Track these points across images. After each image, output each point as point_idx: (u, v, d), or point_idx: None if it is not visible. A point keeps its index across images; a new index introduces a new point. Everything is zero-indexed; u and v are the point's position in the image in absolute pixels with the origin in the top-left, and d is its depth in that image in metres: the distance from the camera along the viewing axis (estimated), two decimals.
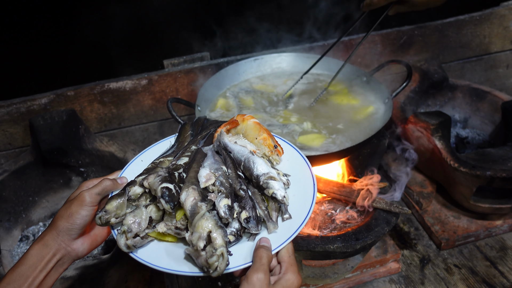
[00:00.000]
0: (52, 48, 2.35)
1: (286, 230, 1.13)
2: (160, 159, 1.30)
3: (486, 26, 2.82)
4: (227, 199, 1.10)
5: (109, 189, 1.22)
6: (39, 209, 2.28)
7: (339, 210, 2.00)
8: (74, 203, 1.17)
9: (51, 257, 1.14)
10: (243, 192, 1.16)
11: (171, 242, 1.16)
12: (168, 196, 1.08)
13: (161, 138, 2.52)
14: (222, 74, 2.27)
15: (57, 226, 1.16)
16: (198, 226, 1.03)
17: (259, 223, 1.12)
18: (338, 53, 2.59)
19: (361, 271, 2.07)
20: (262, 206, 1.16)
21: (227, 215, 1.07)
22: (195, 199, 1.08)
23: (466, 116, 2.78)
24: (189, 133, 1.47)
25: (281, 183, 1.19)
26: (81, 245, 1.19)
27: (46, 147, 2.13)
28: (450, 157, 2.16)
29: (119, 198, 1.15)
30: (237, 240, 1.11)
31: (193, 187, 1.11)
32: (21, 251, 2.09)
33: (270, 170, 1.22)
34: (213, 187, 1.15)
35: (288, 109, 2.11)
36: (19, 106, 2.21)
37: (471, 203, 2.20)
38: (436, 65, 2.69)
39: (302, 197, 1.22)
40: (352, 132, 1.93)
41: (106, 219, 1.12)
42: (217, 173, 1.18)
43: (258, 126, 1.42)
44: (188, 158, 1.28)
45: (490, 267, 2.13)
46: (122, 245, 1.10)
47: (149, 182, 1.15)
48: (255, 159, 1.25)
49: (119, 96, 2.35)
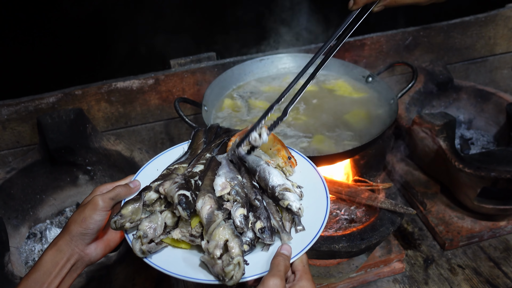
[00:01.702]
0: (60, 48, 2.37)
1: (300, 241, 1.14)
2: (175, 166, 1.30)
3: (491, 28, 2.82)
4: (243, 209, 1.10)
5: (122, 195, 1.22)
6: (46, 207, 2.30)
7: (344, 210, 2.02)
8: (88, 207, 1.17)
9: (65, 262, 1.14)
10: (258, 202, 1.16)
11: (184, 248, 1.16)
12: (185, 203, 1.08)
13: (167, 137, 2.58)
14: (228, 74, 2.28)
15: (70, 231, 1.16)
16: (215, 235, 1.03)
17: (273, 233, 1.13)
18: (343, 53, 2.61)
19: (365, 270, 2.08)
20: (277, 217, 1.17)
21: (242, 224, 1.08)
22: (211, 207, 1.08)
23: (470, 117, 2.78)
24: (202, 140, 1.46)
25: (296, 195, 1.20)
26: (94, 250, 1.20)
27: (54, 146, 2.15)
28: (455, 158, 2.16)
29: (135, 203, 1.15)
30: (250, 249, 1.11)
31: (209, 195, 1.12)
32: (28, 248, 2.11)
33: (285, 182, 1.22)
34: (229, 196, 1.15)
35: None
36: (27, 104, 2.23)
37: (475, 204, 2.20)
38: (441, 66, 2.70)
39: (315, 209, 1.22)
40: (357, 132, 1.95)
41: (121, 223, 1.13)
42: (233, 182, 1.18)
43: (272, 136, 1.41)
44: (203, 166, 1.28)
45: (494, 268, 2.14)
46: (137, 250, 1.10)
47: (165, 188, 1.15)
48: (270, 170, 1.25)
49: (126, 95, 2.37)
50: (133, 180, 1.29)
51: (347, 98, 2.18)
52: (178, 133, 2.59)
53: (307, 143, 1.90)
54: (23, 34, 2.32)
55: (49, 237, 2.14)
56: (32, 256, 2.07)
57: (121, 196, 1.22)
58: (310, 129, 1.98)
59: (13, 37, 2.28)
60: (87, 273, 1.81)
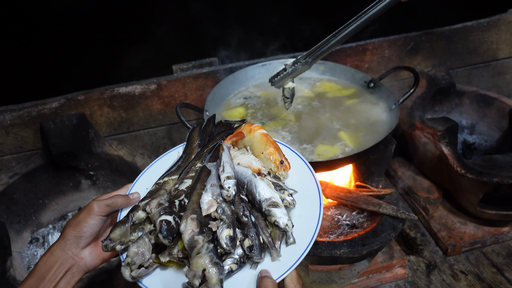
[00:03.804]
0: (63, 53, 2.39)
1: (290, 256, 1.10)
2: (164, 179, 1.28)
3: (494, 33, 2.82)
4: (228, 229, 1.07)
5: (119, 203, 1.23)
6: (49, 211, 2.31)
7: (345, 215, 2.01)
8: (83, 211, 1.18)
9: (58, 267, 1.15)
10: (246, 218, 1.13)
11: (175, 266, 1.15)
12: (166, 230, 1.06)
13: (169, 143, 2.59)
14: (230, 79, 2.29)
15: (64, 235, 1.17)
16: (193, 264, 1.01)
17: (262, 251, 1.10)
18: (345, 58, 2.61)
19: (367, 276, 2.07)
20: (266, 233, 1.13)
21: (229, 246, 1.05)
22: (192, 231, 1.06)
23: (473, 122, 2.78)
24: (196, 143, 1.43)
25: (283, 210, 1.15)
26: (89, 254, 1.20)
27: (57, 151, 2.16)
28: (457, 163, 2.16)
29: (122, 225, 1.14)
30: (239, 267, 1.09)
31: (192, 217, 1.09)
32: (30, 253, 2.12)
33: (273, 195, 1.17)
34: (216, 213, 1.12)
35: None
36: (30, 110, 2.24)
37: (477, 210, 2.20)
38: (443, 71, 2.70)
39: (307, 219, 1.18)
40: (359, 138, 1.95)
41: (112, 246, 1.12)
42: (219, 199, 1.15)
43: (265, 138, 1.37)
44: (191, 180, 1.25)
45: (497, 274, 2.13)
46: (127, 277, 1.09)
47: (151, 208, 1.14)
48: (257, 182, 1.21)
49: (128, 100, 2.38)
50: (133, 192, 1.29)
51: (342, 98, 2.20)
52: (180, 138, 2.60)
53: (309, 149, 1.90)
54: (26, 40, 2.34)
55: (51, 242, 2.15)
56: (34, 261, 2.08)
57: (117, 205, 1.22)
58: (310, 135, 1.98)
59: (16, 43, 2.29)
60: (88, 277, 1.81)
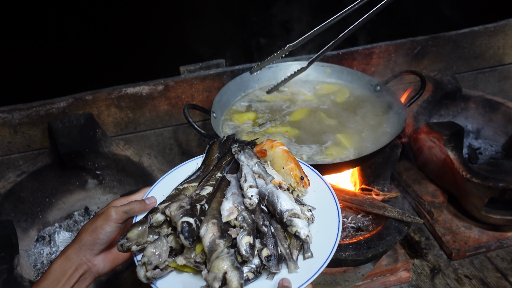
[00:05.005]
0: (72, 53, 2.40)
1: (307, 270, 1.10)
2: (184, 185, 1.28)
3: (501, 37, 2.82)
4: (249, 237, 1.07)
5: (136, 210, 1.22)
6: (55, 210, 2.32)
7: (350, 218, 2.02)
8: (100, 217, 1.18)
9: (73, 271, 1.15)
10: (266, 228, 1.13)
11: (190, 272, 1.15)
12: (187, 231, 1.07)
13: (176, 143, 2.60)
14: (237, 81, 2.30)
15: (80, 240, 1.17)
16: (214, 266, 1.02)
17: (280, 262, 1.10)
18: (352, 61, 2.62)
19: (371, 279, 2.08)
20: (284, 244, 1.14)
21: (248, 253, 1.05)
22: (213, 235, 1.06)
23: (479, 126, 2.78)
24: (216, 155, 1.44)
25: (304, 221, 1.16)
26: (102, 261, 1.20)
27: (64, 150, 2.17)
28: (463, 167, 2.16)
29: (141, 226, 1.14)
30: (256, 277, 1.09)
31: (213, 221, 1.09)
32: (37, 251, 2.13)
33: (294, 206, 1.18)
34: (236, 221, 1.12)
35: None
36: (38, 109, 2.26)
37: (482, 214, 2.20)
38: (450, 76, 2.70)
39: (325, 235, 1.19)
40: (364, 141, 1.95)
41: (128, 246, 1.12)
42: (240, 207, 1.15)
43: (286, 154, 1.39)
44: (212, 187, 1.25)
45: (501, 279, 2.13)
46: (141, 277, 1.09)
47: (171, 211, 1.14)
48: (279, 194, 1.21)
49: (135, 101, 2.39)
50: (150, 197, 1.29)
51: (349, 101, 2.20)
52: (187, 139, 2.61)
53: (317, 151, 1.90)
54: (35, 39, 2.36)
55: (58, 241, 2.16)
56: (41, 259, 2.09)
57: (135, 211, 1.22)
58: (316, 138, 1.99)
59: (25, 42, 2.31)
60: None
